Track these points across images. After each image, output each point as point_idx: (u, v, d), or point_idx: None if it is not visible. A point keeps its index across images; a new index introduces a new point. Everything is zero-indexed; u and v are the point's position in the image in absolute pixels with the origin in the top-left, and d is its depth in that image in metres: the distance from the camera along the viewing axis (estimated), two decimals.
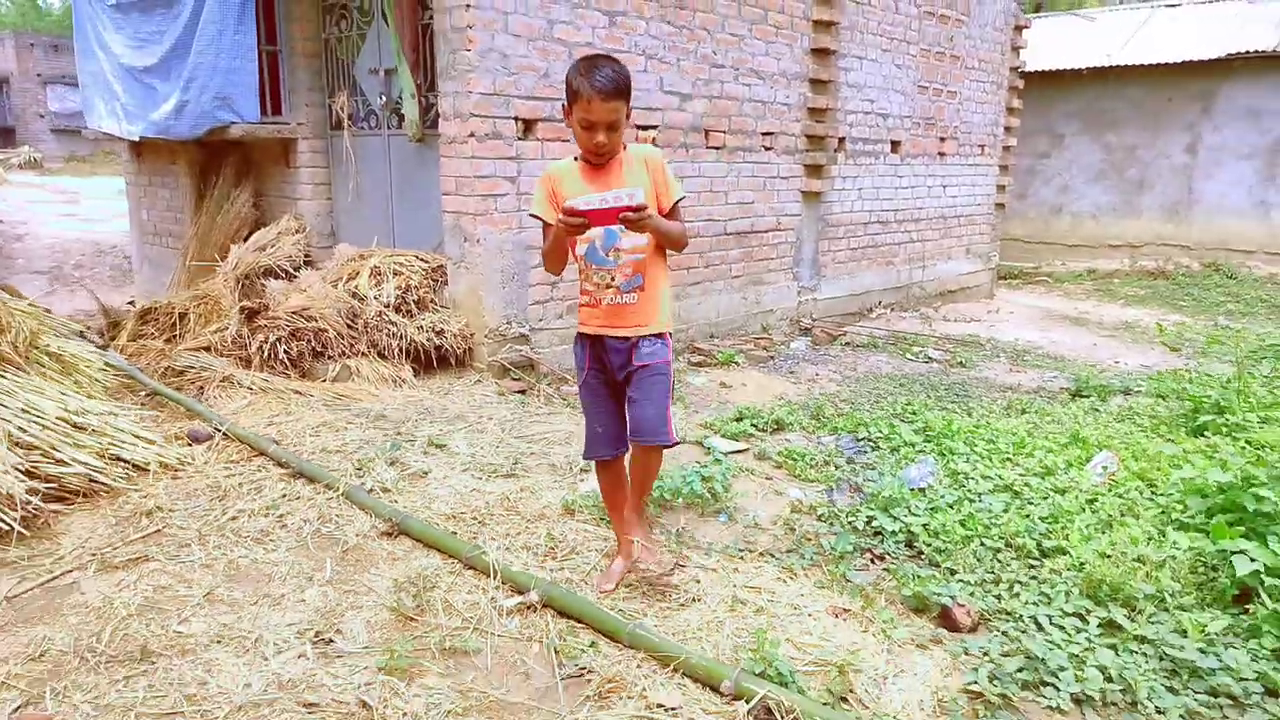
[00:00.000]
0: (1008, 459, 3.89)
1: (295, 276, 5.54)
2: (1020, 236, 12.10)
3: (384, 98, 5.45)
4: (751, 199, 6.47)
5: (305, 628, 2.37)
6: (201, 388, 4.30)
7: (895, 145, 7.90)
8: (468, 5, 4.46)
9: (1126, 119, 11.14)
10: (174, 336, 4.94)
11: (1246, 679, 2.32)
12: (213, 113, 5.64)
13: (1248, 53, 10.04)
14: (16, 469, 2.73)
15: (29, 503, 2.72)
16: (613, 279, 2.50)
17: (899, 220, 8.17)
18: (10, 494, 2.67)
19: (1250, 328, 7.86)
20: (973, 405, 5.14)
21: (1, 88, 30.10)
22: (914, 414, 4.67)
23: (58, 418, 3.03)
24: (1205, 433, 4.17)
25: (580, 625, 2.45)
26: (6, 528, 2.66)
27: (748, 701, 2.07)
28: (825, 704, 2.12)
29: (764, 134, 6.45)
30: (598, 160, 2.44)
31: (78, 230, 13.98)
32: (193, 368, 4.43)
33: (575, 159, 2.53)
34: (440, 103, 4.76)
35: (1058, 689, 2.27)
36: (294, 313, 4.57)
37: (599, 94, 2.29)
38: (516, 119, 4.80)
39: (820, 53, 6.73)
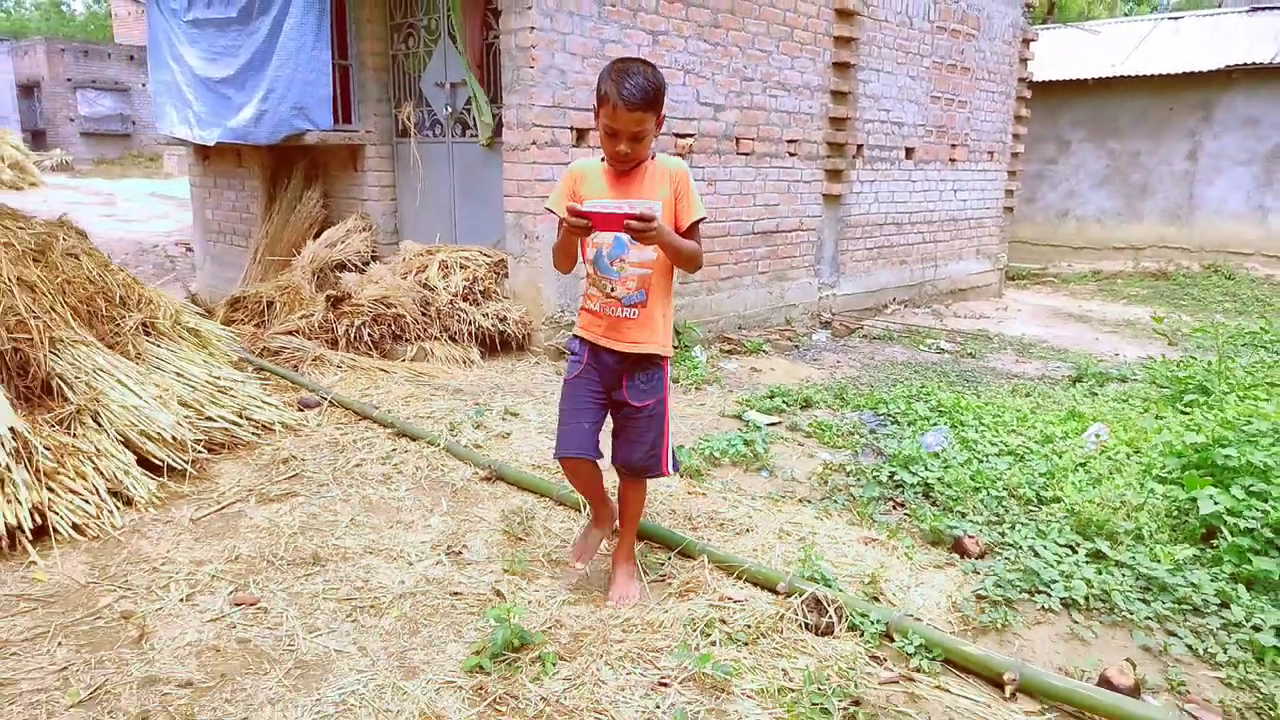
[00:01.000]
0: (1012, 430, 4.42)
1: (363, 270, 6.11)
2: (1028, 239, 12.60)
3: (449, 108, 6.02)
4: (777, 201, 7.02)
5: (437, 544, 2.93)
6: (296, 365, 4.87)
7: (909, 152, 8.43)
8: (531, 28, 5.03)
9: (1130, 127, 11.64)
10: (262, 322, 5.51)
11: (1206, 594, 2.84)
12: (290, 121, 6.22)
13: (1245, 64, 10.54)
14: (185, 422, 3.29)
15: (196, 449, 3.29)
16: (613, 290, 2.42)
17: (912, 222, 8.70)
18: (183, 441, 3.23)
19: (1245, 324, 8.36)
20: (981, 388, 5.66)
21: (33, 92, 30.93)
22: (928, 394, 5.20)
23: (205, 381, 3.60)
24: (1188, 409, 4.69)
25: (655, 545, 2.99)
26: (180, 468, 3.22)
27: (799, 597, 2.61)
28: (867, 594, 2.66)
29: (789, 141, 7.00)
30: (620, 167, 2.38)
31: (120, 230, 14.60)
32: (286, 348, 4.99)
33: (602, 160, 2.44)
34: (505, 114, 5.32)
35: (1049, 595, 2.80)
36: (375, 300, 5.13)
37: (625, 104, 2.22)
38: (572, 128, 5.36)
39: (840, 66, 7.27)
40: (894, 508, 3.55)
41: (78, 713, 2.02)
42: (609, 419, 2.62)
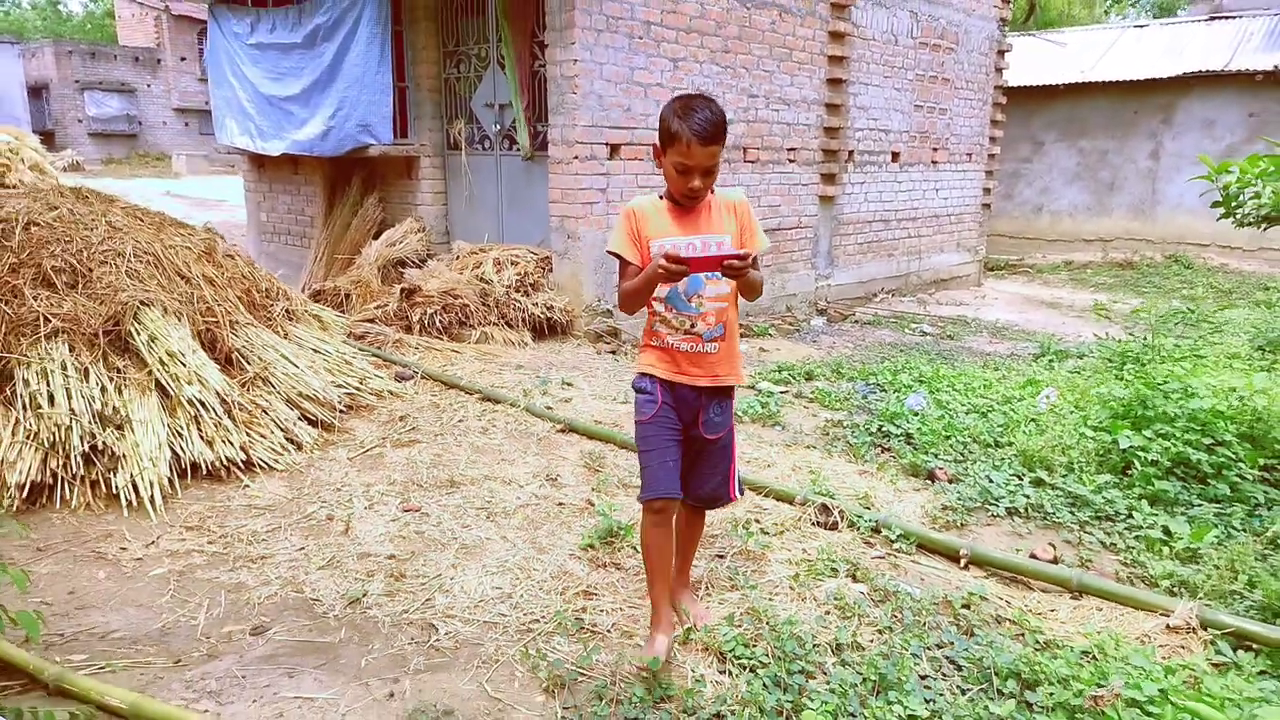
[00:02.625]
0: (979, 394, 5.37)
1: (421, 266, 7.02)
2: (1006, 232, 13.58)
3: (498, 126, 6.94)
4: (778, 203, 7.96)
5: (536, 473, 3.87)
6: (380, 346, 5.78)
7: (895, 156, 9.38)
8: (575, 60, 5.94)
9: (1098, 128, 12.62)
10: (342, 310, 6.41)
11: (1118, 507, 3.79)
12: (355, 136, 7.12)
13: (1202, 71, 11.52)
14: (330, 384, 4.22)
15: (340, 408, 4.22)
16: (693, 326, 2.37)
17: (899, 219, 9.65)
18: (330, 401, 4.16)
19: (1181, 306, 9.33)
20: (956, 363, 6.62)
21: (42, 94, 31.57)
22: (911, 368, 6.15)
23: (335, 355, 4.52)
24: (1123, 375, 5.66)
25: None
26: (329, 422, 4.15)
27: (811, 505, 3.56)
28: (862, 505, 3.61)
29: (789, 149, 7.93)
30: (691, 204, 2.34)
31: None
32: (369, 333, 5.91)
33: (660, 197, 2.40)
34: (550, 132, 6.24)
35: (998, 506, 3.76)
36: (443, 292, 6.05)
37: (698, 139, 2.20)
38: (607, 144, 6.28)
39: (834, 82, 8.20)
40: (881, 451, 4.51)
41: (324, 572, 2.95)
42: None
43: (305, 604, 2.75)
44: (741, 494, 2.69)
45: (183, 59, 33.53)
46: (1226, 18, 12.53)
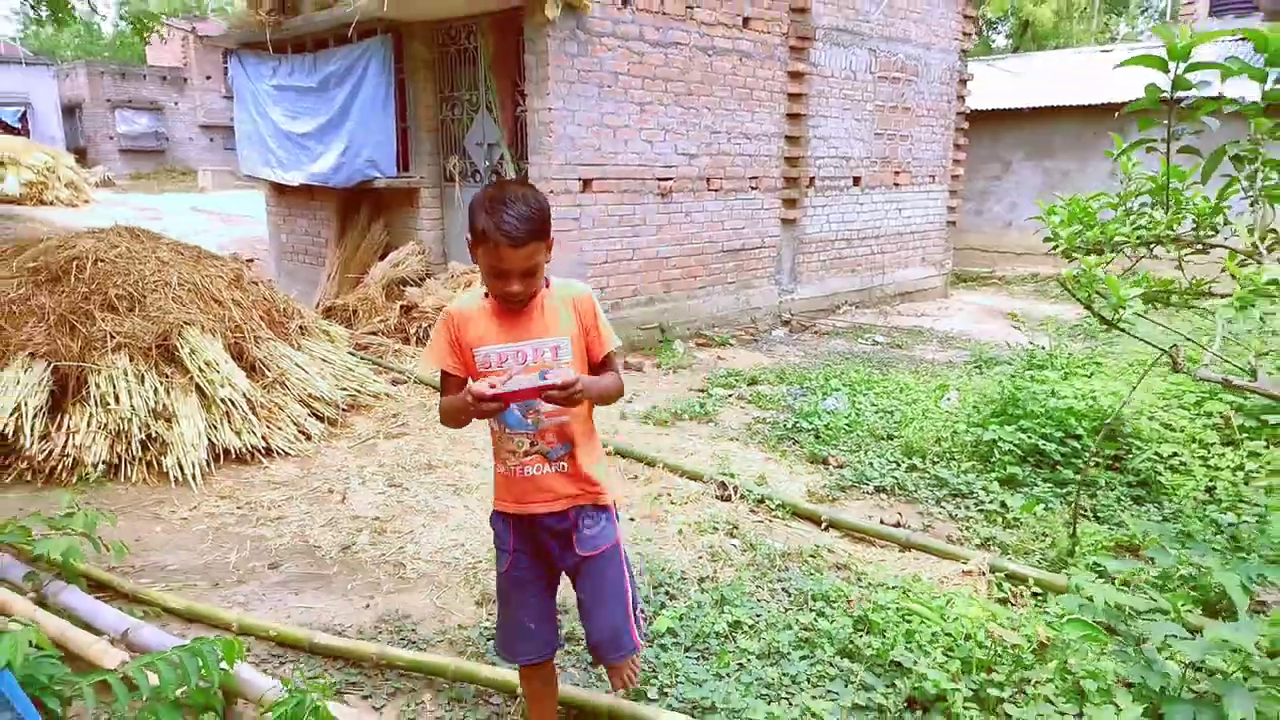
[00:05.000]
0: (894, 396, 6.25)
1: (420, 285, 7.98)
2: (978, 246, 14.40)
3: (488, 162, 7.89)
4: (742, 225, 8.85)
5: None
6: (381, 355, 6.74)
7: (857, 180, 10.25)
8: (550, 108, 6.88)
9: (1061, 148, 13.42)
10: (350, 324, 7.38)
11: (974, 488, 4.65)
12: (363, 170, 8.10)
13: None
14: (333, 388, 5.18)
15: (342, 407, 5.17)
16: (534, 445, 2.08)
17: (861, 238, 10.52)
18: (335, 401, 5.11)
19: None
20: (890, 370, 7.48)
21: (75, 112, 33.04)
22: (842, 374, 7.02)
23: (340, 364, 5.48)
24: (1025, 380, 6.50)
25: (633, 459, 4.84)
26: (334, 418, 5.10)
27: (713, 482, 4.45)
28: (757, 484, 4.50)
29: (751, 178, 8.83)
30: (513, 308, 2.03)
31: None
32: (372, 344, 6.87)
33: (486, 295, 2.06)
34: (530, 169, 7.19)
35: (869, 485, 4.64)
36: (436, 309, 6.99)
37: (509, 240, 1.88)
38: (580, 179, 7.21)
39: (793, 116, 9.10)
40: (791, 443, 5.40)
41: (324, 528, 3.89)
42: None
43: (309, 549, 3.69)
44: (646, 638, 2.29)
45: (208, 78, 34.90)
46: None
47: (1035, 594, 3.50)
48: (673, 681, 2.74)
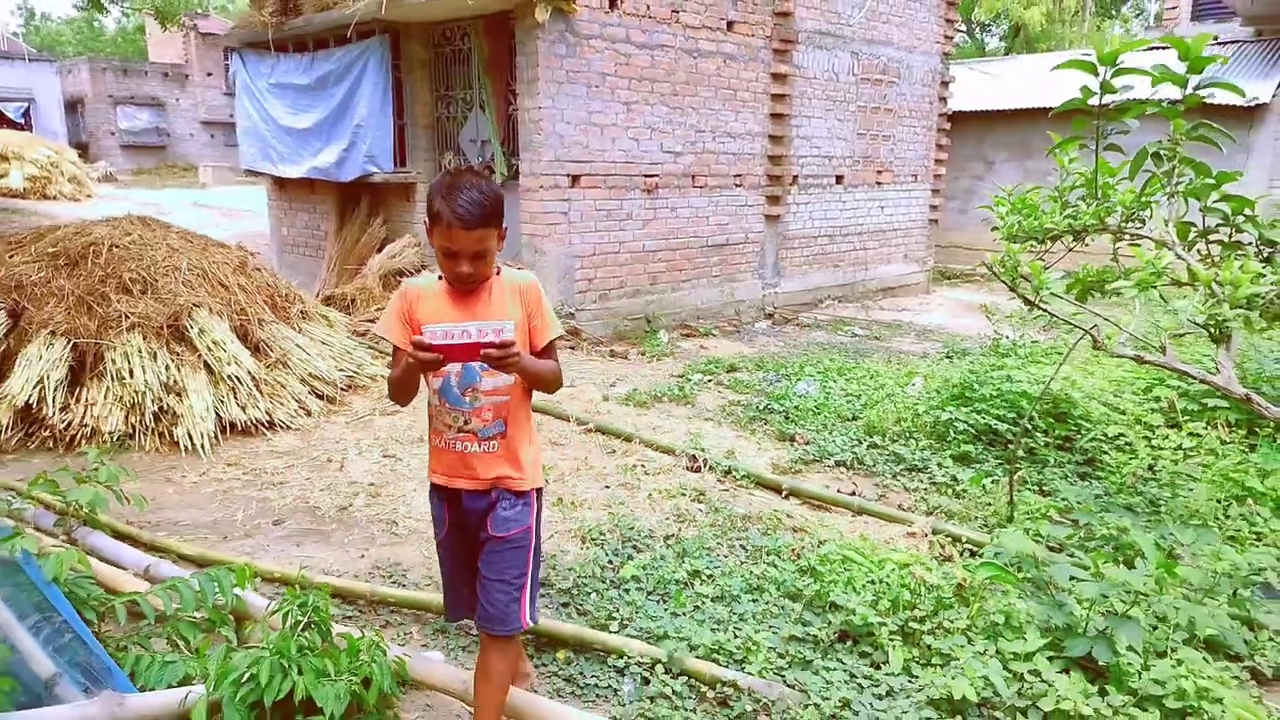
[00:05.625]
0: (863, 382, 6.60)
1: (416, 275, 8.31)
2: (963, 244, 14.75)
3: (481, 158, 8.23)
4: (727, 221, 9.20)
5: None
6: (378, 341, 7.06)
7: (839, 178, 10.60)
8: (539, 107, 7.23)
9: (1041, 148, 13.76)
10: (349, 312, 7.72)
11: (929, 464, 4.99)
12: (362, 165, 8.45)
13: (1132, 100, 12.64)
14: (332, 369, 5.52)
15: (340, 386, 5.51)
16: (468, 423, 2.18)
17: (844, 234, 10.87)
18: (333, 380, 5.46)
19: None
20: (864, 359, 7.83)
21: (77, 108, 33.35)
22: (816, 362, 7.37)
23: (338, 346, 5.82)
24: (990, 367, 6.85)
25: (612, 435, 5.18)
26: (333, 396, 5.45)
27: (684, 455, 4.79)
28: (726, 458, 4.84)
29: (735, 175, 9.18)
30: (463, 288, 2.16)
31: None
32: (369, 330, 7.20)
33: (439, 278, 2.20)
34: (521, 165, 7.53)
35: (830, 460, 4.99)
36: None
37: (460, 223, 2.03)
38: (568, 175, 7.55)
39: (777, 116, 9.44)
40: (761, 423, 5.74)
41: (324, 492, 4.24)
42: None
43: (310, 509, 4.04)
44: (534, 621, 2.32)
45: (209, 74, 35.20)
46: (1160, 48, 13.68)
47: (971, 552, 3.85)
48: (633, 617, 3.08)
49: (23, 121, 30.35)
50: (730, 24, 8.66)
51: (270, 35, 8.93)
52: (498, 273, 2.22)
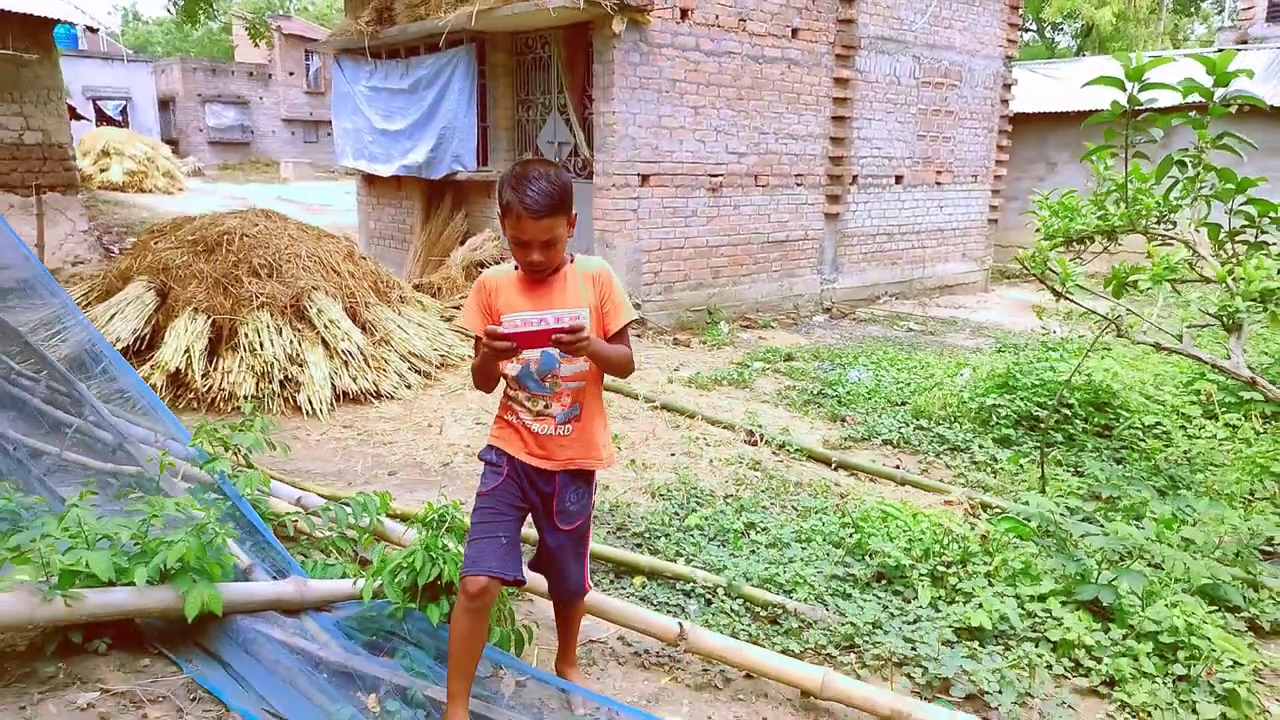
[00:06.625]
0: (914, 372, 7.01)
1: (494, 266, 8.96)
2: (1023, 244, 14.84)
3: (558, 159, 8.85)
4: (787, 219, 9.65)
5: None
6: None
7: (899, 178, 10.94)
8: (614, 111, 7.79)
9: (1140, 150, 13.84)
10: (436, 299, 8.39)
11: (970, 445, 5.41)
12: (449, 163, 9.14)
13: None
14: (429, 348, 6.17)
15: (435, 364, 6.17)
16: (547, 408, 2.25)
17: (902, 232, 11.20)
18: (429, 358, 6.11)
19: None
20: (916, 352, 8.22)
21: (169, 105, 35.22)
22: (870, 353, 7.79)
23: (432, 328, 6.47)
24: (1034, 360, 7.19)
25: (676, 413, 5.72)
26: (429, 372, 6.10)
27: (741, 430, 5.30)
28: (780, 434, 5.34)
29: (796, 175, 9.62)
30: (536, 277, 2.23)
31: None
32: (454, 317, 7.86)
33: (515, 268, 2.27)
34: (595, 164, 8.11)
35: (879, 440, 5.44)
36: None
37: (530, 213, 2.09)
38: (639, 175, 8.10)
39: (838, 119, 9.85)
40: (815, 405, 6.21)
41: (427, 450, 4.86)
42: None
43: (417, 464, 4.67)
44: (592, 584, 2.54)
45: (291, 74, 36.76)
46: (1249, 48, 13.64)
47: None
48: (696, 555, 3.62)
49: (120, 119, 32.20)
50: (795, 31, 9.10)
51: (366, 43, 9.67)
52: (571, 260, 2.30)
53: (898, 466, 4.98)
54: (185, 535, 2.37)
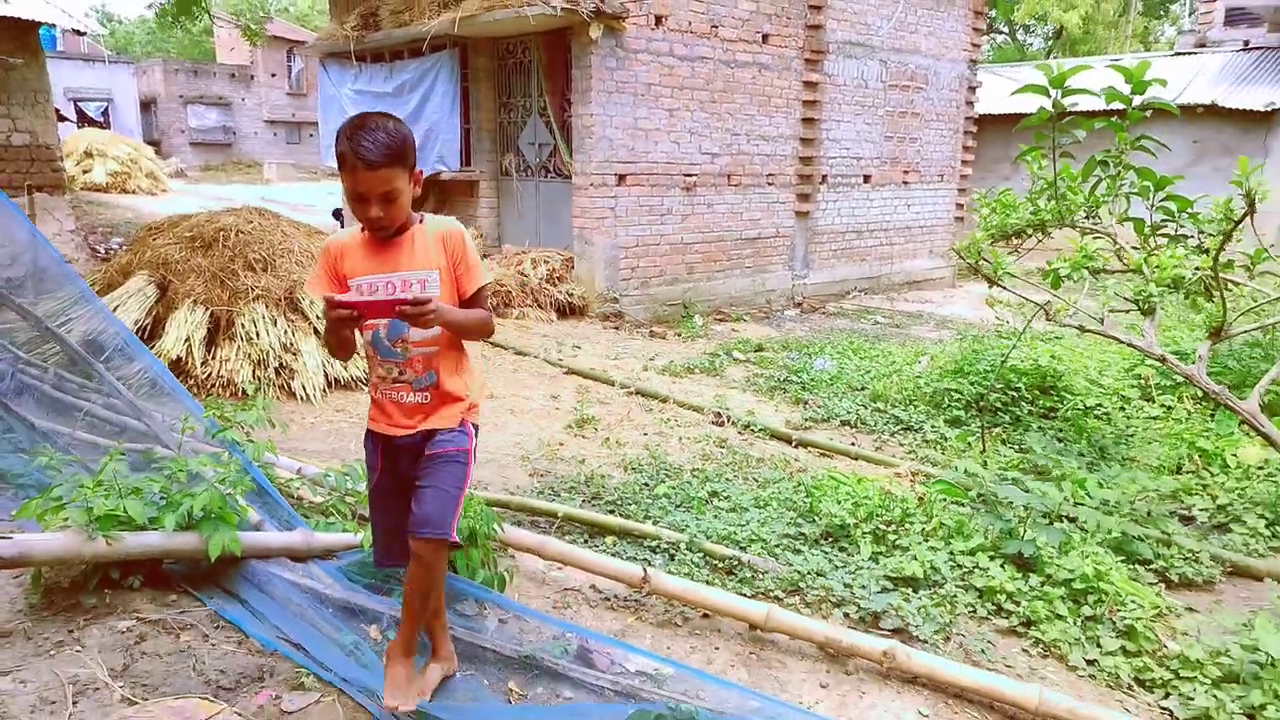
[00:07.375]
0: (874, 360, 7.42)
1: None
2: None
3: (538, 159, 9.20)
4: (759, 217, 10.04)
5: (545, 395, 6.07)
6: None
7: (867, 178, 11.37)
8: (591, 114, 8.16)
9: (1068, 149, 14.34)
10: None
11: (923, 425, 5.81)
12: (433, 164, 9.47)
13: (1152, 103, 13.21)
14: None
15: None
16: (401, 374, 2.21)
17: (870, 230, 11.63)
18: None
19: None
20: (880, 342, 8.63)
21: (150, 107, 35.23)
22: (835, 343, 8.20)
23: None
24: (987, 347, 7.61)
25: (649, 397, 6.09)
26: None
27: (709, 412, 5.68)
28: (746, 415, 5.72)
29: (768, 175, 10.02)
30: (379, 235, 2.14)
31: None
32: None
33: (362, 229, 2.19)
34: (574, 165, 8.47)
35: (836, 419, 5.84)
36: (493, 283, 8.31)
37: (364, 163, 1.99)
38: (615, 175, 8.47)
39: (808, 120, 10.25)
40: (780, 391, 6.60)
41: None
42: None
43: None
44: (456, 547, 2.39)
45: (273, 75, 36.87)
46: (1193, 53, 14.16)
47: None
48: (662, 518, 3.99)
49: (102, 120, 32.20)
50: (765, 37, 9.50)
51: (352, 47, 9.99)
52: (420, 221, 2.22)
53: (853, 444, 5.37)
54: (207, 487, 2.72)
